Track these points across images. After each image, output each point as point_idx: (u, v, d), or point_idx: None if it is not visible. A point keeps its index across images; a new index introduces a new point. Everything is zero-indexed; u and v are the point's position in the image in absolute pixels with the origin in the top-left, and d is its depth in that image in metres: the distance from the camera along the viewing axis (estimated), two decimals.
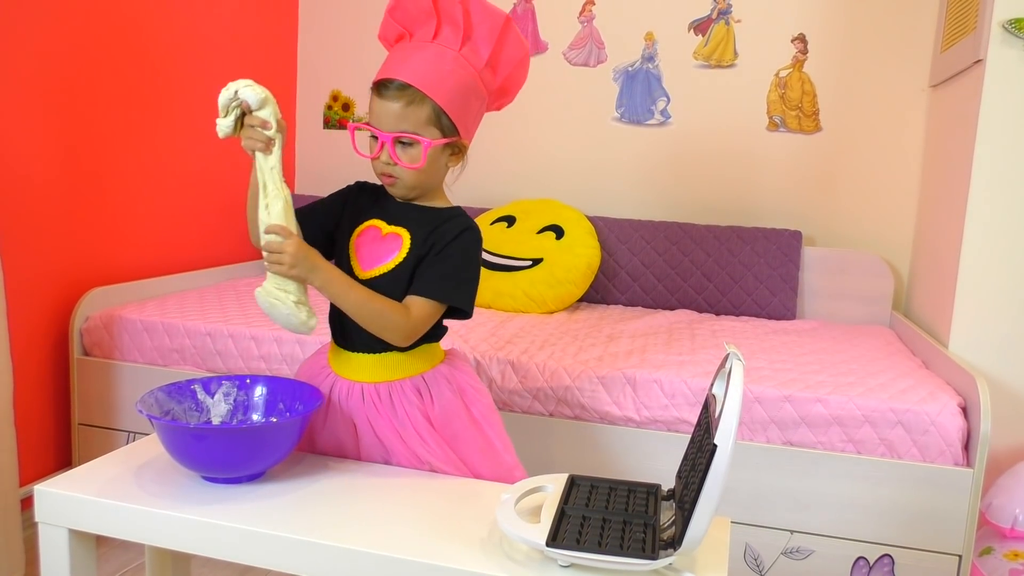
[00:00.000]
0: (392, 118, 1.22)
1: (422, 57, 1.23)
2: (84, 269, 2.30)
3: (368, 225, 1.31)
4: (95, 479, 1.14)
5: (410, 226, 1.28)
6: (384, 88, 1.22)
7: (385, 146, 1.23)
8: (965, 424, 1.74)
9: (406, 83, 1.21)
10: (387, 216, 1.30)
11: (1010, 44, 1.97)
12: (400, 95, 1.21)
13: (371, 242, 1.29)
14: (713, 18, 2.85)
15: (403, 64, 1.23)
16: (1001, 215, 2.02)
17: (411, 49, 1.25)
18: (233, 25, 2.86)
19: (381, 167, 1.26)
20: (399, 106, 1.21)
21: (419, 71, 1.22)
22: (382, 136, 1.23)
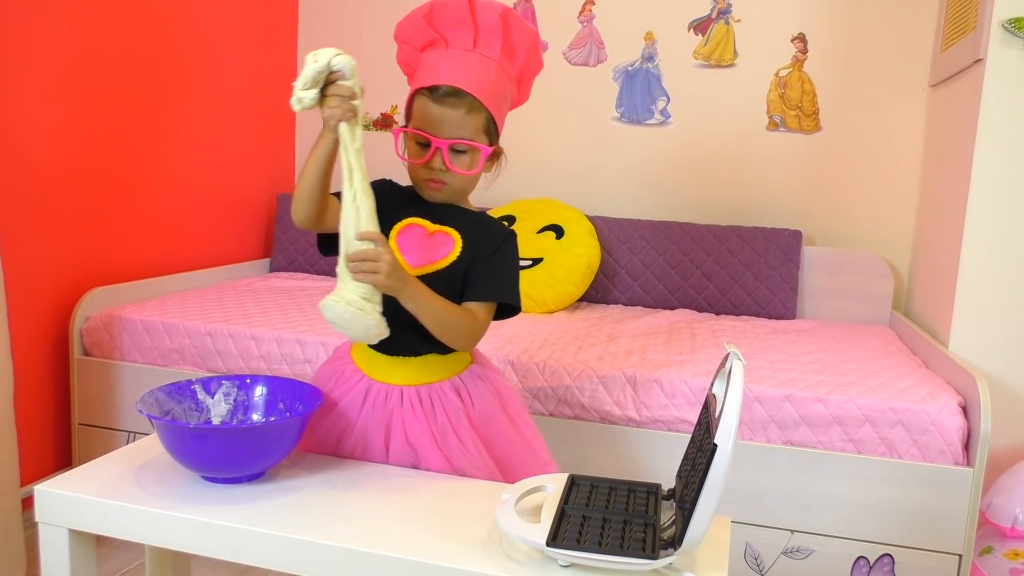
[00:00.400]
0: (452, 125, 1.22)
1: (473, 66, 1.24)
2: (84, 269, 2.30)
3: (410, 223, 1.29)
4: (95, 479, 1.14)
5: (458, 226, 1.28)
6: (443, 94, 1.21)
7: (439, 151, 1.22)
8: (965, 423, 1.74)
9: (465, 91, 1.21)
10: (430, 215, 1.29)
11: (1010, 43, 1.97)
12: (460, 102, 1.21)
13: (417, 239, 1.28)
14: (713, 18, 2.85)
15: (459, 72, 1.22)
16: (1001, 214, 2.02)
17: (458, 57, 1.24)
18: (234, 23, 2.86)
19: (429, 173, 1.24)
20: (460, 113, 1.21)
21: (475, 80, 1.23)
22: (436, 142, 1.22)
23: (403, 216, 1.30)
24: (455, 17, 1.25)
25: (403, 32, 1.30)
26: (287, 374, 2.09)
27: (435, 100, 1.22)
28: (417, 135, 1.23)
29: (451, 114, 1.21)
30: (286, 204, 3.10)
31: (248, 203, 3.06)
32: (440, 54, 1.26)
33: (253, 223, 3.11)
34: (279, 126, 3.21)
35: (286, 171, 3.28)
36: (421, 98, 1.24)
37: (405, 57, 1.32)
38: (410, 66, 1.32)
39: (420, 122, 1.24)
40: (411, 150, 1.26)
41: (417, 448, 1.25)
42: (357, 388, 1.28)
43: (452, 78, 1.22)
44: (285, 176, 3.28)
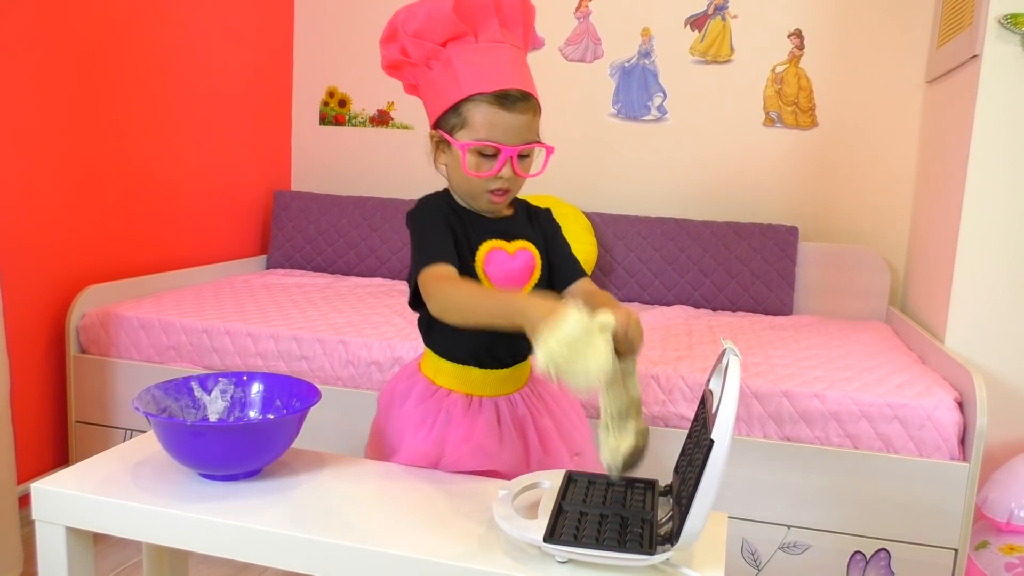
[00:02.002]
0: (522, 131, 1.15)
1: (520, 61, 1.18)
2: (81, 266, 2.30)
3: (491, 248, 1.22)
4: (92, 477, 1.13)
5: (526, 233, 1.26)
6: (512, 100, 1.14)
7: (509, 160, 1.15)
8: (961, 419, 1.75)
9: (528, 93, 1.16)
10: (501, 233, 1.24)
11: (1006, 39, 1.97)
12: (528, 106, 1.16)
13: (503, 264, 1.23)
14: (709, 14, 2.85)
15: (516, 72, 1.16)
16: (997, 210, 2.02)
17: (501, 52, 1.16)
18: (229, 21, 2.85)
19: (496, 183, 1.17)
20: (528, 118, 1.16)
21: (527, 77, 1.17)
22: (508, 151, 1.15)
23: (476, 240, 1.22)
24: (481, 5, 1.17)
25: (420, 25, 1.17)
26: (284, 371, 2.09)
27: (506, 107, 1.14)
28: (488, 147, 1.15)
29: (522, 120, 1.15)
30: (282, 201, 3.10)
31: (245, 200, 3.06)
32: (478, 51, 1.16)
33: (250, 220, 3.11)
34: (275, 122, 3.21)
35: (282, 167, 3.28)
36: (483, 105, 1.14)
37: (420, 53, 1.19)
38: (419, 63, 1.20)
39: (488, 131, 1.14)
40: (471, 162, 1.16)
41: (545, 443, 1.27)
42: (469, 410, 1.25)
43: (517, 79, 1.15)
44: (281, 172, 3.27)
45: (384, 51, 1.23)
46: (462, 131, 1.16)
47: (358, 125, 3.24)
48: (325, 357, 2.07)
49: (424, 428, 1.23)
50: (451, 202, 1.24)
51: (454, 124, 1.17)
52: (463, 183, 1.20)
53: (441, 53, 1.17)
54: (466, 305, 1.08)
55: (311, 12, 3.23)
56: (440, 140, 1.20)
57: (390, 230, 2.99)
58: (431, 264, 1.14)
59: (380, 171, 3.23)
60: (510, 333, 1.17)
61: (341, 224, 3.03)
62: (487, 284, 1.21)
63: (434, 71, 1.18)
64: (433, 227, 1.19)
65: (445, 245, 1.17)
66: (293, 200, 3.10)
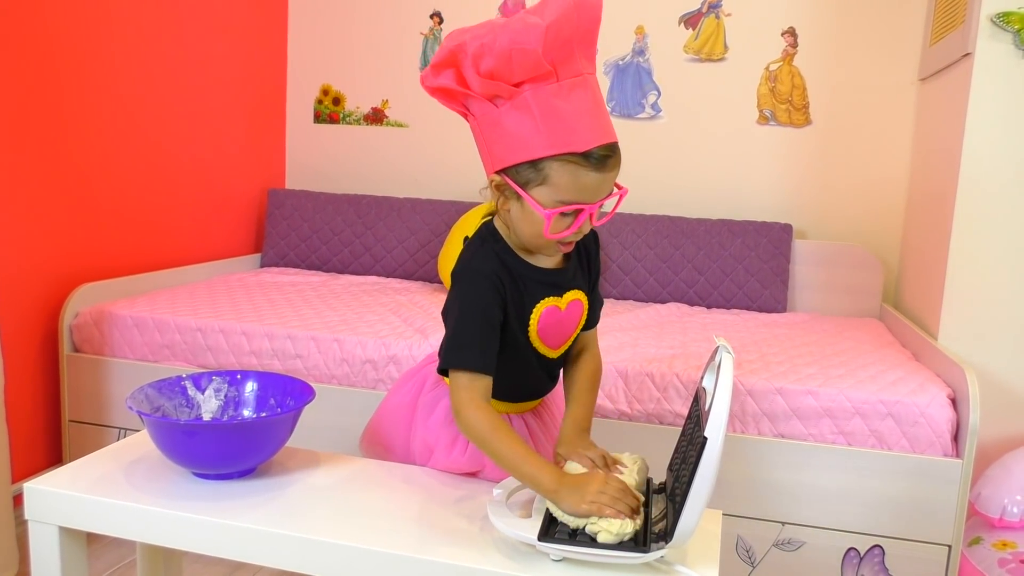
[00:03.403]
0: (609, 186, 1.06)
1: (600, 101, 1.05)
2: (73, 265, 2.29)
3: (544, 309, 1.16)
4: (85, 476, 1.13)
5: (576, 282, 1.20)
6: (603, 159, 1.02)
7: (590, 216, 1.07)
8: (954, 415, 1.75)
9: (616, 144, 1.05)
10: (554, 287, 1.16)
11: (998, 37, 1.98)
12: (615, 160, 1.05)
13: (555, 323, 1.17)
14: (703, 12, 2.85)
15: (603, 121, 1.04)
16: (989, 207, 2.02)
17: (584, 95, 1.03)
18: (223, 18, 2.84)
19: (571, 237, 1.09)
20: (617, 171, 1.06)
21: (608, 119, 1.06)
22: (590, 208, 1.05)
23: (531, 302, 1.15)
24: (567, 39, 1.01)
25: (496, 65, 1.00)
26: (278, 370, 2.09)
27: (594, 167, 1.02)
28: (571, 210, 1.05)
29: (609, 176, 1.05)
30: (277, 199, 3.09)
31: (239, 198, 3.05)
32: (559, 94, 1.01)
33: (244, 218, 3.10)
34: (269, 120, 3.20)
35: (276, 165, 3.27)
36: (567, 165, 1.01)
37: (487, 90, 1.03)
38: (482, 98, 1.04)
39: (573, 193, 1.03)
40: (554, 225, 1.05)
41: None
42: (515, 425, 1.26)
43: (603, 133, 1.03)
44: (275, 170, 3.27)
45: (434, 76, 1.06)
46: (539, 188, 1.04)
47: (352, 123, 3.23)
48: (320, 355, 2.07)
49: (457, 447, 1.23)
50: (505, 257, 1.13)
51: (530, 179, 1.04)
52: (532, 237, 1.09)
53: (515, 94, 1.02)
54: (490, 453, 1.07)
55: (305, 9, 3.22)
56: (505, 187, 1.07)
57: (385, 228, 2.99)
58: (468, 371, 1.08)
59: (374, 169, 3.22)
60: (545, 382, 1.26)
61: (335, 222, 3.03)
62: (537, 341, 1.16)
63: (502, 111, 1.03)
64: (482, 309, 1.10)
65: (490, 344, 1.09)
66: (287, 198, 3.09)
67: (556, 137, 1.01)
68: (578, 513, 0.96)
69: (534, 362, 1.20)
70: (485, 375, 1.09)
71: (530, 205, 1.04)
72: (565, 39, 1.00)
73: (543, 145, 1.01)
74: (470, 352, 1.09)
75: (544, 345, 1.19)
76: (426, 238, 2.95)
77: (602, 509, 0.95)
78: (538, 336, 1.17)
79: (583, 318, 1.23)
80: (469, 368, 1.08)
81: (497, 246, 1.14)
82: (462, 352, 1.10)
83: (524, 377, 1.21)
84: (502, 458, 1.04)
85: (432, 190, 3.14)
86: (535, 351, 1.19)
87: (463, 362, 1.09)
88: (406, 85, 3.13)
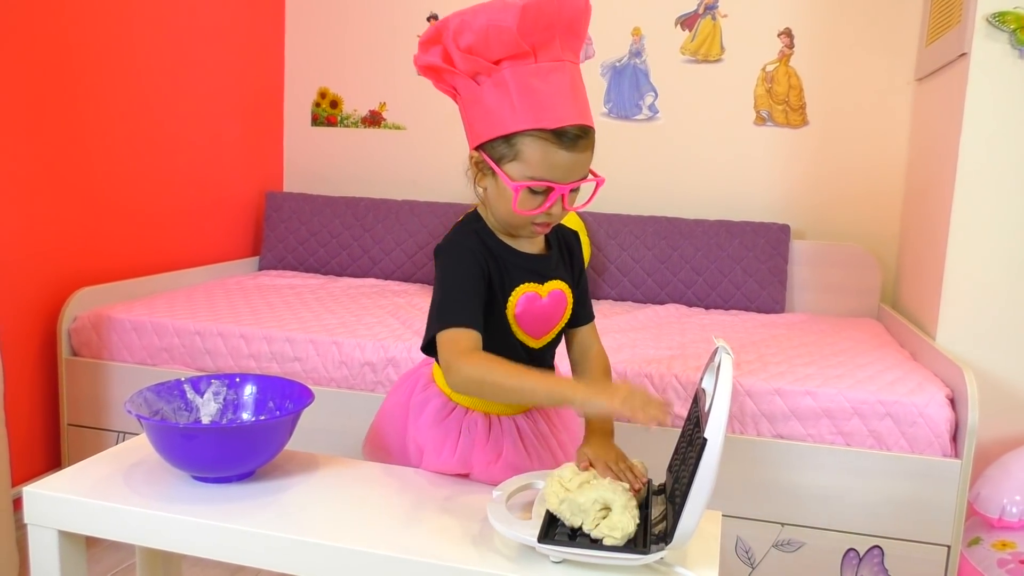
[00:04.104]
0: (578, 168, 1.07)
1: (579, 86, 1.07)
2: (72, 269, 2.29)
3: (522, 294, 1.16)
4: (84, 480, 1.13)
5: (559, 272, 1.21)
6: (573, 138, 1.04)
7: (561, 197, 1.08)
8: (953, 415, 1.76)
9: (589, 128, 1.07)
10: (536, 274, 1.17)
11: (994, 37, 1.98)
12: (587, 143, 1.07)
13: (534, 310, 1.17)
14: (699, 13, 2.85)
15: (577, 103, 1.06)
16: (987, 207, 2.03)
17: (560, 77, 1.05)
18: (220, 22, 2.84)
19: (542, 218, 1.10)
20: (587, 155, 1.08)
21: (586, 106, 1.08)
22: (560, 189, 1.07)
23: (511, 283, 1.16)
24: (546, 22, 1.04)
25: (474, 40, 1.04)
26: (277, 372, 2.09)
27: (564, 146, 1.04)
28: (541, 186, 1.07)
29: (580, 158, 1.06)
30: (274, 202, 3.09)
31: (236, 201, 3.05)
32: (537, 74, 1.04)
33: (242, 221, 3.10)
34: (267, 124, 3.20)
35: (274, 168, 3.27)
36: (540, 142, 1.04)
37: (468, 66, 1.06)
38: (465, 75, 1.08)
39: (544, 170, 1.05)
40: (522, 199, 1.07)
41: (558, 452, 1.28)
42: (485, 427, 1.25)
43: (578, 113, 1.05)
44: (273, 174, 3.27)
45: (422, 53, 1.10)
46: (512, 163, 1.07)
47: (350, 126, 3.23)
48: (318, 358, 2.07)
49: (446, 448, 1.22)
50: (486, 237, 1.16)
51: (503, 154, 1.07)
52: (506, 214, 1.11)
53: (494, 71, 1.05)
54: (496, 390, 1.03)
55: (302, 12, 3.22)
56: (482, 163, 1.11)
57: (383, 231, 2.99)
58: (454, 327, 1.07)
59: (372, 172, 3.23)
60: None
61: (334, 225, 3.03)
62: (515, 326, 1.17)
63: (483, 88, 1.06)
64: (464, 277, 1.11)
65: (473, 304, 1.09)
66: (285, 201, 3.09)
67: (529, 113, 1.04)
68: (612, 408, 0.93)
69: (519, 353, 1.19)
70: (471, 329, 1.07)
71: (501, 179, 1.07)
72: (545, 23, 1.03)
73: (517, 120, 1.04)
74: (454, 312, 1.08)
75: (524, 333, 1.19)
76: (424, 240, 2.95)
77: (635, 412, 0.92)
78: (516, 322, 1.16)
79: (567, 312, 1.23)
80: (455, 324, 1.07)
81: (479, 226, 1.16)
82: (446, 314, 1.08)
83: None
84: (510, 388, 1.02)
85: (430, 192, 3.14)
86: (516, 340, 1.18)
87: (447, 321, 1.07)
88: (404, 88, 3.13)
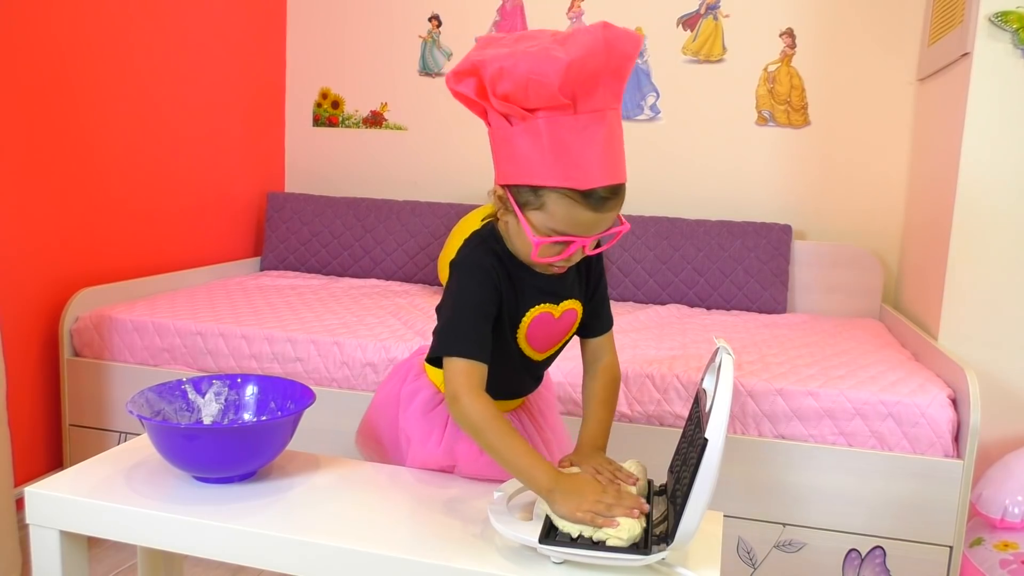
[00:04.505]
0: (606, 223, 1.05)
1: (616, 141, 1.04)
2: (74, 269, 2.29)
3: (537, 315, 1.16)
4: (86, 480, 1.13)
5: (574, 291, 1.19)
6: (602, 200, 1.02)
7: (582, 247, 1.06)
8: (955, 416, 1.75)
9: (621, 185, 1.04)
10: (551, 295, 1.16)
11: (997, 37, 1.98)
12: (616, 202, 1.04)
13: (546, 327, 1.18)
14: (701, 13, 2.85)
15: (613, 161, 1.03)
16: (989, 207, 2.03)
17: (597, 131, 1.00)
18: (221, 22, 2.84)
19: (560, 262, 1.08)
20: (617, 211, 1.06)
21: (622, 161, 1.05)
22: (582, 242, 1.05)
23: (525, 305, 1.15)
24: (590, 74, 0.98)
25: (512, 90, 0.99)
26: (278, 373, 2.09)
27: (591, 206, 1.01)
28: (562, 240, 1.05)
29: (607, 216, 1.04)
30: (276, 202, 3.09)
31: (238, 201, 3.05)
32: (573, 129, 0.99)
33: (243, 222, 3.10)
34: (268, 124, 3.20)
35: (276, 169, 3.27)
36: (565, 199, 1.01)
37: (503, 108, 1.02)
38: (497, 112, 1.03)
39: (567, 226, 1.03)
40: (543, 250, 1.05)
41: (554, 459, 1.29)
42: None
43: (609, 174, 1.01)
44: (275, 174, 3.27)
45: (455, 83, 1.06)
46: (535, 212, 1.04)
47: (351, 126, 3.23)
48: (320, 359, 2.07)
49: (432, 440, 1.22)
50: (503, 256, 1.13)
51: (528, 201, 1.04)
52: (524, 254, 1.09)
53: (529, 118, 1.00)
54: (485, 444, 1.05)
55: (304, 13, 3.22)
56: (506, 200, 1.07)
57: (384, 231, 2.99)
58: (464, 358, 1.07)
59: (374, 172, 3.23)
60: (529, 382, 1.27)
61: (335, 225, 3.03)
62: (523, 342, 1.17)
63: (515, 130, 1.02)
64: (478, 301, 1.10)
65: (483, 333, 1.09)
66: (287, 201, 3.09)
67: (560, 170, 1.00)
68: (573, 520, 0.95)
69: (516, 362, 1.19)
70: (481, 363, 1.07)
71: (523, 226, 1.05)
72: (589, 74, 0.98)
73: (546, 174, 1.01)
74: (466, 340, 1.08)
75: (530, 348, 1.19)
76: (426, 241, 2.95)
77: (595, 519, 0.94)
78: (526, 339, 1.17)
79: (574, 327, 1.23)
80: (466, 355, 1.07)
81: (497, 246, 1.14)
82: (458, 340, 1.08)
83: (504, 376, 1.18)
84: (497, 451, 1.03)
85: (431, 193, 3.14)
86: (520, 351, 1.18)
87: (460, 350, 1.07)
88: (405, 88, 3.14)
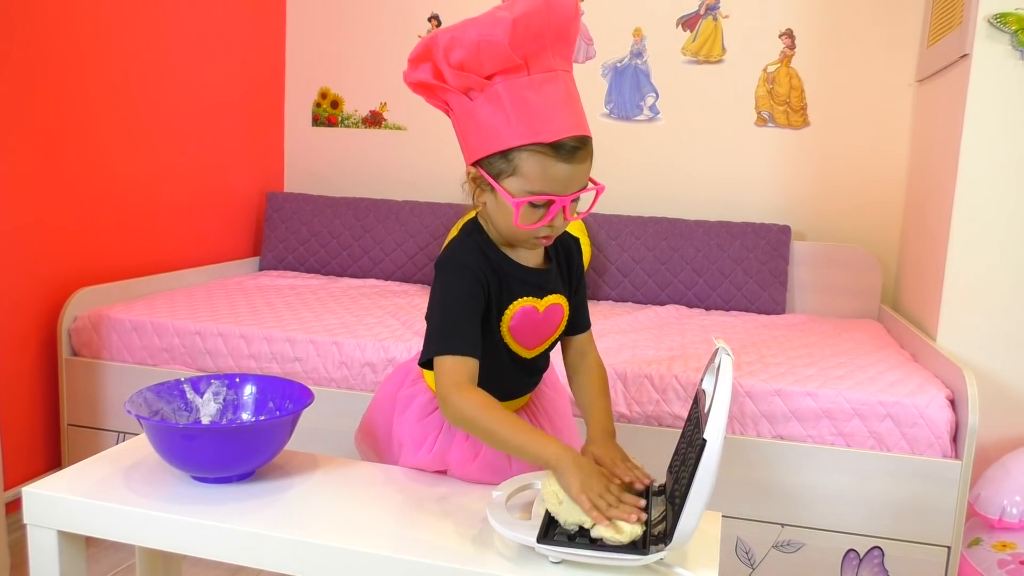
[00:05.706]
0: (579, 179, 1.06)
1: (574, 95, 1.06)
2: (72, 269, 2.29)
3: (521, 306, 1.15)
4: (84, 480, 1.13)
5: (558, 286, 1.20)
6: (572, 150, 1.03)
7: (562, 208, 1.07)
8: (953, 416, 1.76)
9: (588, 137, 1.06)
10: (536, 288, 1.16)
11: (996, 38, 1.98)
12: (586, 153, 1.05)
13: (530, 323, 1.17)
14: (701, 13, 2.85)
15: (574, 114, 1.05)
16: (988, 208, 2.03)
17: (555, 88, 1.04)
18: (221, 22, 2.84)
19: (545, 231, 1.09)
20: (588, 164, 1.07)
21: (582, 115, 1.07)
22: (561, 201, 1.06)
23: (508, 298, 1.14)
24: (536, 32, 1.02)
25: (465, 56, 1.02)
26: (277, 373, 2.09)
27: (563, 159, 1.03)
28: (541, 200, 1.05)
29: (580, 169, 1.05)
30: (275, 202, 3.09)
31: (238, 201, 3.05)
32: (530, 87, 1.03)
33: (243, 221, 3.10)
34: (267, 124, 3.20)
35: (275, 169, 3.27)
36: (538, 156, 1.02)
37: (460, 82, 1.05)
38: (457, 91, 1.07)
39: (543, 184, 1.04)
40: (523, 214, 1.06)
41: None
42: None
43: (575, 124, 1.04)
44: (274, 174, 3.27)
45: (412, 71, 1.09)
46: (510, 179, 1.05)
47: (351, 126, 3.23)
48: (319, 359, 2.07)
49: (424, 446, 1.22)
50: (487, 249, 1.14)
51: (501, 170, 1.05)
52: (507, 229, 1.10)
53: (487, 86, 1.04)
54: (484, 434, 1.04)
55: (303, 13, 3.22)
56: (480, 179, 1.09)
57: (383, 231, 2.99)
58: (452, 355, 1.06)
59: (373, 172, 3.23)
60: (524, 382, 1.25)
61: (334, 225, 3.03)
62: (508, 338, 1.16)
63: (476, 103, 1.05)
64: (466, 298, 1.10)
65: (472, 329, 1.09)
66: (286, 201, 3.09)
67: (525, 127, 1.02)
68: (576, 500, 0.94)
69: (506, 360, 1.19)
70: (470, 358, 1.07)
71: (501, 195, 1.06)
72: (535, 34, 1.02)
73: (513, 135, 1.03)
74: (452, 337, 1.08)
75: (516, 343, 1.18)
76: (425, 241, 2.95)
77: (592, 511, 0.94)
78: (510, 333, 1.16)
79: (563, 323, 1.23)
80: (452, 352, 1.07)
81: (480, 238, 1.15)
82: (444, 339, 1.08)
83: (498, 376, 1.16)
84: (495, 435, 1.02)
85: (430, 193, 3.14)
86: (507, 348, 1.18)
87: (447, 347, 1.07)
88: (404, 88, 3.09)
